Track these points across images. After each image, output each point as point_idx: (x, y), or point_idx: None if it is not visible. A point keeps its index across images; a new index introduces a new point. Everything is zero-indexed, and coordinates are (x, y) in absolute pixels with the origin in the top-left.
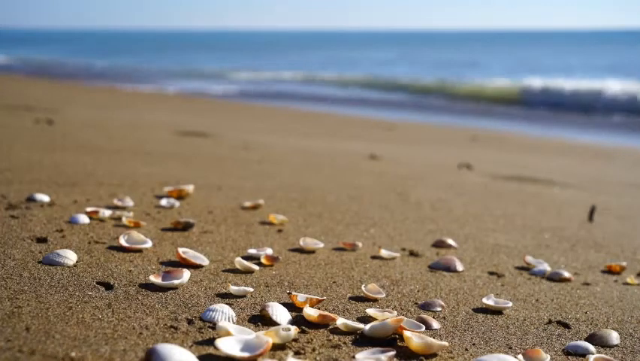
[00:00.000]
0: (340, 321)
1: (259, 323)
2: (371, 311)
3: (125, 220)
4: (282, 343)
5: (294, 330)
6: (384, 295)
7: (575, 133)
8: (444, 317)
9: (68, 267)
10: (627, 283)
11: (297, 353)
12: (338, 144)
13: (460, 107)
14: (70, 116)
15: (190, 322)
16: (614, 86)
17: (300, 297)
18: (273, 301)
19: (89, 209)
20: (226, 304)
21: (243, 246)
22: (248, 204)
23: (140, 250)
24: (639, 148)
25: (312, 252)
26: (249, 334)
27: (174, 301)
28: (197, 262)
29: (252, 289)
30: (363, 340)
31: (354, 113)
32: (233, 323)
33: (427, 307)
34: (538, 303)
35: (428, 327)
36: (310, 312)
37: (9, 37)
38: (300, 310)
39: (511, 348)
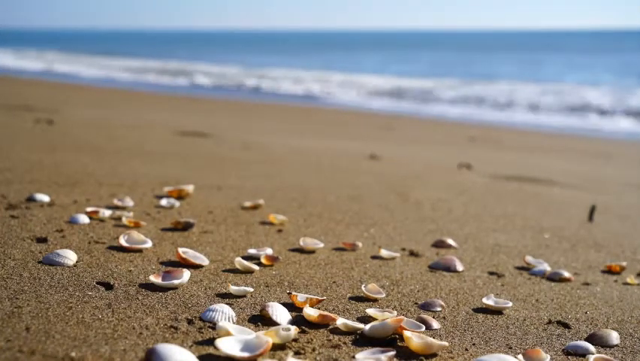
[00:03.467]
0: (340, 321)
1: (259, 323)
2: (371, 311)
3: (125, 220)
4: (282, 343)
5: (294, 330)
6: (384, 295)
7: None
8: (444, 317)
9: (68, 267)
10: (627, 283)
11: (297, 353)
12: (338, 144)
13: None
14: (70, 116)
15: (190, 322)
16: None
17: (300, 297)
18: (273, 301)
19: (89, 209)
20: (226, 304)
21: (243, 246)
22: (248, 204)
23: (140, 250)
24: (639, 148)
25: (312, 252)
26: (249, 334)
27: (174, 301)
28: (197, 262)
29: (252, 289)
30: (363, 340)
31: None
32: (233, 323)
33: (427, 307)
34: (538, 303)
35: (428, 327)
36: (310, 312)
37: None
38: (300, 310)
39: (511, 348)
